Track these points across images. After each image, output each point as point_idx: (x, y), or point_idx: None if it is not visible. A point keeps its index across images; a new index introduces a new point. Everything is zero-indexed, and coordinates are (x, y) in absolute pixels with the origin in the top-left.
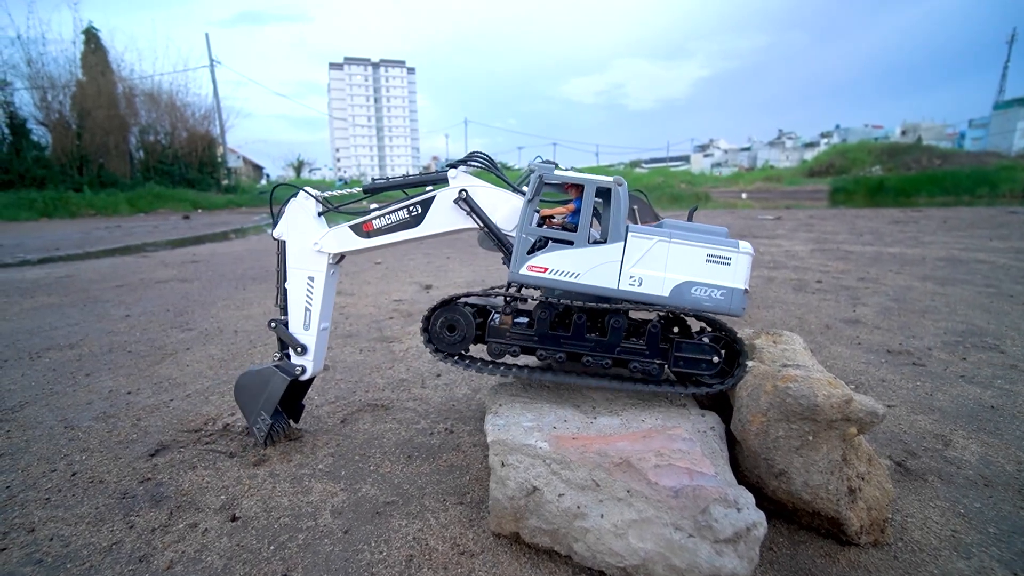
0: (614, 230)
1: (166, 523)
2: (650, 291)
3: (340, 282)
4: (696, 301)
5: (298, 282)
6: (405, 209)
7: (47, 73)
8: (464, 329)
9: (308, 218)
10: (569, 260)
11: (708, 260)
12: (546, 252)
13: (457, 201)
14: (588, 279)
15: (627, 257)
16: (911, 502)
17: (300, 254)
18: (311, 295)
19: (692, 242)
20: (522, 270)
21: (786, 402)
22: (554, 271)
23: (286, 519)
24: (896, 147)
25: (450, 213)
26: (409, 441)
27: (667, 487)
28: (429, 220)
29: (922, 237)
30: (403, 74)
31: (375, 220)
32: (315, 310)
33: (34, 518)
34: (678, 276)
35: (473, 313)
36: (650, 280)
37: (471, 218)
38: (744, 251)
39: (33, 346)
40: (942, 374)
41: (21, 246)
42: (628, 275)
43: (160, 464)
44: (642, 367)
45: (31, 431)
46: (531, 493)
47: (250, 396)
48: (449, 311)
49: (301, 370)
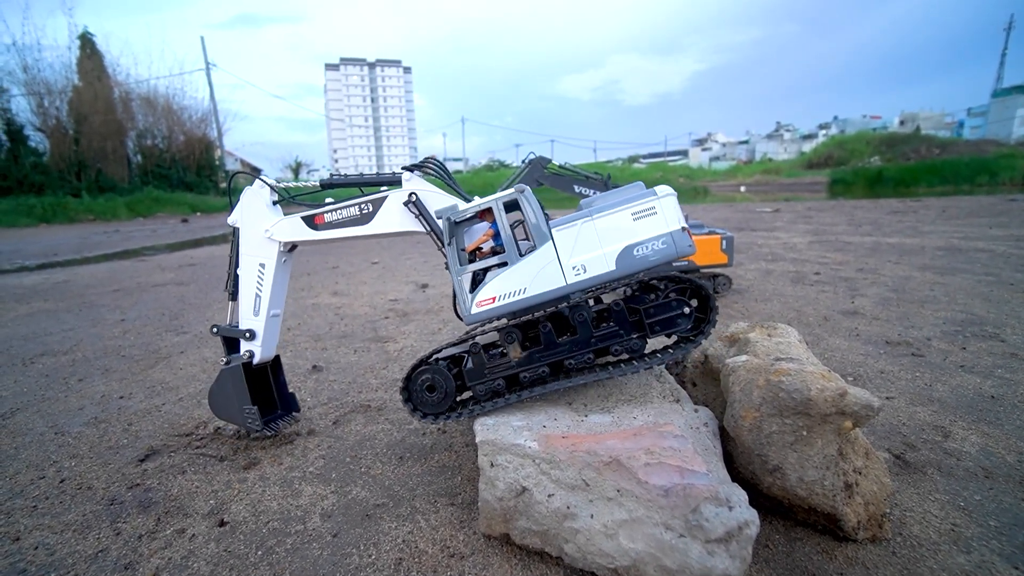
0: (537, 234)
1: (153, 529)
2: (598, 272)
3: (336, 283)
4: (643, 260)
5: (250, 268)
6: (357, 207)
7: (43, 79)
8: (444, 385)
9: (262, 206)
10: (511, 280)
11: (635, 218)
12: (487, 283)
13: (407, 203)
14: (536, 288)
15: (561, 252)
16: (910, 496)
17: (252, 241)
18: (261, 282)
19: (612, 209)
20: (473, 310)
21: (779, 396)
22: (502, 296)
23: (275, 523)
24: (894, 137)
25: (399, 214)
26: (401, 442)
27: (657, 486)
28: (379, 219)
29: (921, 227)
30: (399, 74)
31: (327, 214)
32: (264, 296)
33: (20, 526)
34: (615, 246)
35: (447, 366)
36: (593, 262)
37: (419, 221)
38: (664, 194)
39: (27, 352)
40: (941, 364)
41: (19, 252)
42: (571, 267)
43: (150, 469)
44: (624, 347)
45: (21, 438)
46: (520, 494)
47: (225, 404)
48: (423, 374)
49: (249, 355)
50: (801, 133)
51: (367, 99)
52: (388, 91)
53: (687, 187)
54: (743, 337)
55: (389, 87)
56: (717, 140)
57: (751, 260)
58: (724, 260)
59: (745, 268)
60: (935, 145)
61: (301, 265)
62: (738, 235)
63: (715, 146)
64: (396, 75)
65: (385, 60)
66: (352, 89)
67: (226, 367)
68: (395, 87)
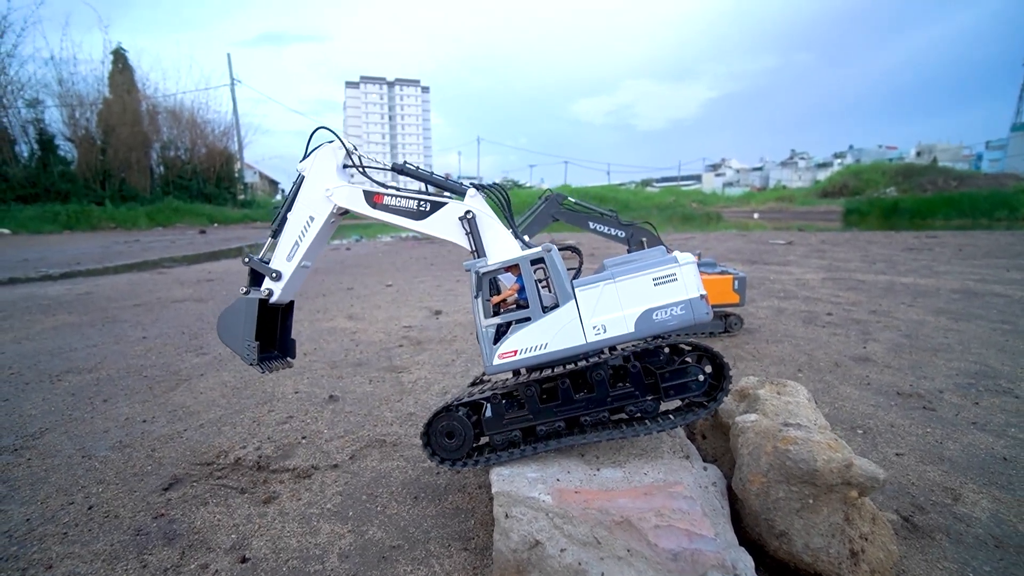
0: (561, 292)
1: (178, 563)
2: (617, 333)
3: (351, 305)
4: (662, 324)
5: (300, 216)
6: (416, 201)
7: (76, 92)
8: (463, 432)
9: (332, 166)
10: (533, 335)
11: (656, 284)
12: (510, 336)
13: (462, 218)
14: (557, 344)
15: (583, 311)
16: (917, 562)
17: (311, 194)
18: (305, 232)
19: (634, 273)
20: (495, 361)
21: (786, 465)
22: (524, 350)
23: (294, 562)
24: (911, 168)
25: (452, 224)
26: (416, 481)
27: (667, 549)
28: (432, 220)
29: (936, 266)
30: (417, 92)
31: (387, 197)
32: (302, 246)
33: (52, 554)
34: (635, 309)
35: (467, 414)
36: (613, 323)
37: (467, 238)
38: (685, 262)
39: (54, 368)
40: (953, 420)
41: (44, 260)
42: (591, 326)
43: (173, 499)
44: (638, 408)
45: (50, 459)
46: (534, 547)
47: (231, 330)
48: (442, 421)
49: (268, 293)
50: (816, 161)
51: (385, 116)
52: (406, 109)
53: (700, 212)
54: (753, 393)
55: (407, 105)
56: (731, 166)
57: (763, 297)
58: (736, 300)
59: (757, 305)
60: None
61: (316, 286)
62: (751, 269)
63: (729, 172)
64: (414, 94)
65: (404, 79)
66: (371, 107)
67: (244, 296)
68: (413, 105)
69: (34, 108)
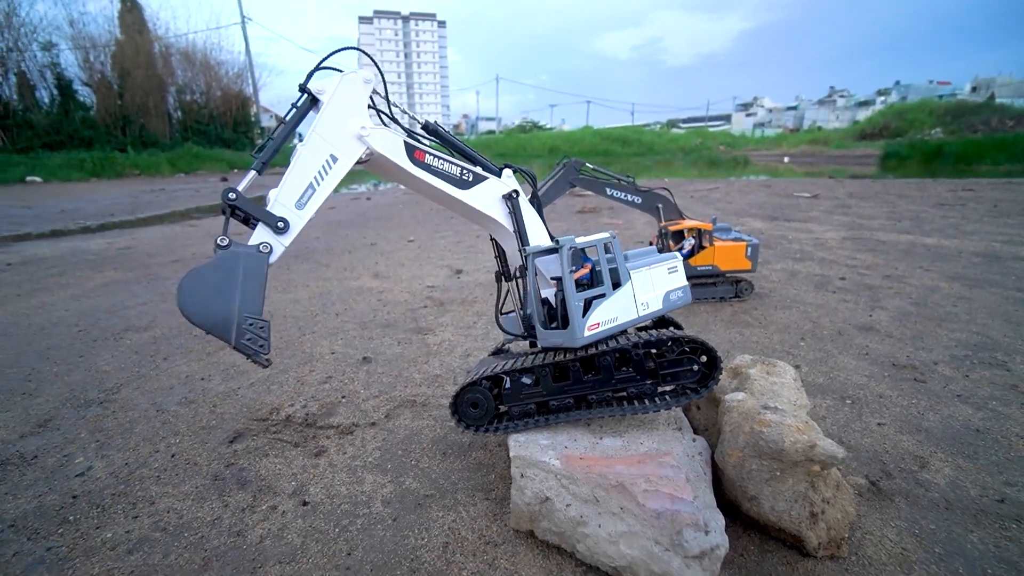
0: (623, 273)
1: (252, 504)
2: (653, 309)
3: (376, 263)
4: (674, 303)
5: (317, 153)
6: (460, 168)
7: (88, 33)
8: (484, 404)
9: (361, 102)
10: (608, 310)
11: (669, 272)
12: (592, 311)
13: (506, 197)
14: (622, 318)
15: (636, 290)
16: (874, 520)
17: (337, 130)
18: (325, 174)
19: (657, 263)
20: (584, 333)
21: (759, 444)
22: (603, 323)
23: (346, 506)
24: (962, 106)
25: (496, 201)
26: (443, 439)
27: (652, 509)
28: (475, 192)
29: (964, 225)
30: (433, 28)
31: (429, 157)
32: (321, 192)
33: (151, 492)
34: (662, 290)
35: (488, 387)
36: (651, 300)
37: (509, 218)
38: (681, 259)
39: (114, 326)
40: (940, 392)
41: (80, 211)
42: (640, 303)
43: (239, 451)
44: (638, 390)
45: (131, 412)
46: (544, 501)
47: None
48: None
49: (268, 248)
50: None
51: (400, 54)
52: (422, 46)
53: (727, 156)
54: (744, 372)
55: (423, 42)
56: (763, 105)
57: (778, 258)
58: (748, 266)
59: (771, 268)
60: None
61: (341, 241)
62: (770, 226)
63: (760, 111)
64: (430, 29)
65: (419, 13)
66: (385, 43)
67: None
68: (429, 42)
69: (49, 52)
